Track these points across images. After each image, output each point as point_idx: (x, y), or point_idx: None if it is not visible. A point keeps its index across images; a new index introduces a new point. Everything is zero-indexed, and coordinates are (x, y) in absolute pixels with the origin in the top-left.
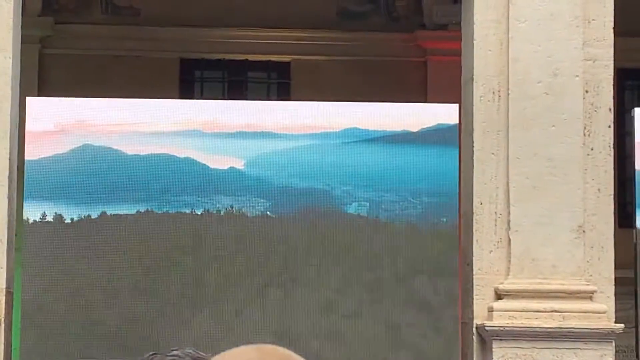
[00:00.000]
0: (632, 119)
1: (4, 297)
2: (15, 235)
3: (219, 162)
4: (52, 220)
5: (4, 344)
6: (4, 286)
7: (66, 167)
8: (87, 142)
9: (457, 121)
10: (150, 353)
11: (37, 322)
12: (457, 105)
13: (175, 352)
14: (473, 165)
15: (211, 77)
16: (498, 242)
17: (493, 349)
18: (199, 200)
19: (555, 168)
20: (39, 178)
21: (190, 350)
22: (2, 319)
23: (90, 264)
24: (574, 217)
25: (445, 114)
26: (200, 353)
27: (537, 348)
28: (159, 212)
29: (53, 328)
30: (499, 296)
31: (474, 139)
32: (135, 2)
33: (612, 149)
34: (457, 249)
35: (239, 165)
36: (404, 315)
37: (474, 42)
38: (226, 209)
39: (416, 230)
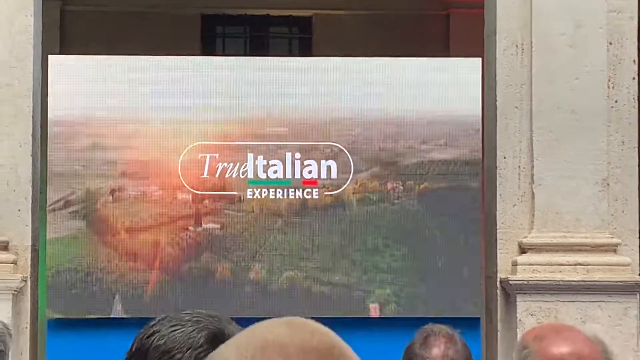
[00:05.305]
0: None
1: (29, 255)
2: (40, 193)
3: None
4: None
5: (31, 301)
6: (30, 244)
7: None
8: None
9: (480, 75)
10: (162, 316)
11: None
12: (480, 59)
13: (187, 312)
14: (496, 119)
15: (233, 32)
16: (522, 195)
17: (517, 303)
18: None
19: (579, 121)
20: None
21: (203, 311)
22: (29, 277)
23: None
24: (597, 170)
25: (467, 68)
26: (212, 313)
27: (561, 301)
28: None
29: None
30: (522, 250)
31: (497, 93)
32: None
33: (637, 101)
34: None
35: None
36: None
37: None
38: None
39: None
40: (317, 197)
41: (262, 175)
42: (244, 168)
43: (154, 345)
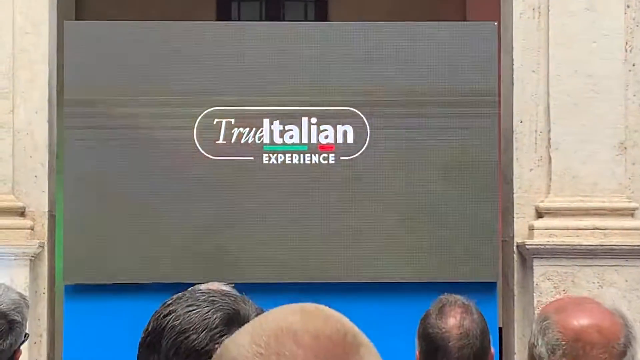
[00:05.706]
0: None
1: (46, 221)
2: (57, 157)
3: None
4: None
5: (48, 266)
6: (47, 209)
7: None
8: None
9: (496, 40)
10: (177, 295)
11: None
12: (496, 23)
13: (202, 290)
14: (513, 83)
15: None
16: (538, 160)
17: (534, 267)
18: None
19: (596, 85)
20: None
21: (218, 287)
22: (46, 242)
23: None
24: (615, 134)
25: (484, 31)
26: (228, 292)
27: (578, 265)
28: None
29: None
30: (539, 214)
31: (514, 57)
32: None
33: None
34: None
35: None
36: None
37: None
38: None
39: None
40: (333, 162)
41: (278, 141)
42: (260, 133)
43: (169, 326)
